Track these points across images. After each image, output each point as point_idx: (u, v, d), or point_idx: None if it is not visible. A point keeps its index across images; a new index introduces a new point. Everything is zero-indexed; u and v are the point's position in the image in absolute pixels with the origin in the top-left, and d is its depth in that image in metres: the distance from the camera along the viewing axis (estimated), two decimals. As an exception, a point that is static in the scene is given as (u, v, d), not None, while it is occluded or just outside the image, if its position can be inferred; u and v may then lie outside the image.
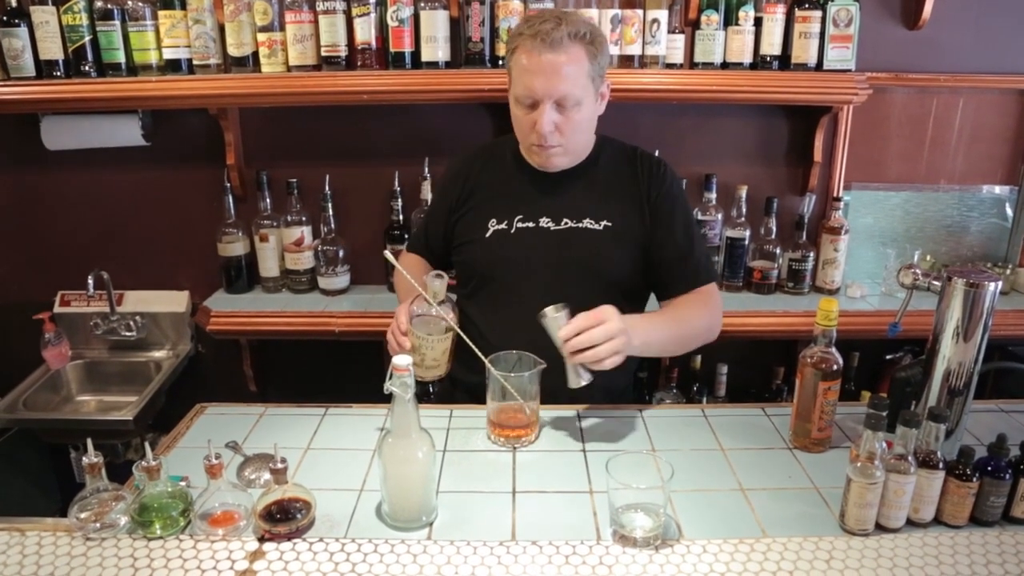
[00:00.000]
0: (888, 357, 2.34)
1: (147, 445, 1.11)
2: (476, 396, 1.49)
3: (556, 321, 1.29)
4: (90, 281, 2.15)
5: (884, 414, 1.09)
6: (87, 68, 2.03)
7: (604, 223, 1.52)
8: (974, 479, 1.10)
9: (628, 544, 1.09)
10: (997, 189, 2.35)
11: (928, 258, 2.35)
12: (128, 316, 2.33)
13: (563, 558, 1.06)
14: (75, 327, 2.35)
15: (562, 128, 1.43)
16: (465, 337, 1.42)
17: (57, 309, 2.34)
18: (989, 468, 1.11)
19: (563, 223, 1.52)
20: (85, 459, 1.09)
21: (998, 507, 1.13)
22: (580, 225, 1.52)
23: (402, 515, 1.13)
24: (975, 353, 1.24)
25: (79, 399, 2.35)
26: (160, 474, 1.10)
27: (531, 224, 1.53)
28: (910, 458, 1.08)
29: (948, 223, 2.37)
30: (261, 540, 1.10)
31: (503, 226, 1.55)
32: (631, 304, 1.56)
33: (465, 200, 1.60)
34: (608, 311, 1.29)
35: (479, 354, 1.38)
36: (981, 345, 1.24)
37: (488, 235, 1.56)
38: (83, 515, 1.11)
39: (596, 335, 1.26)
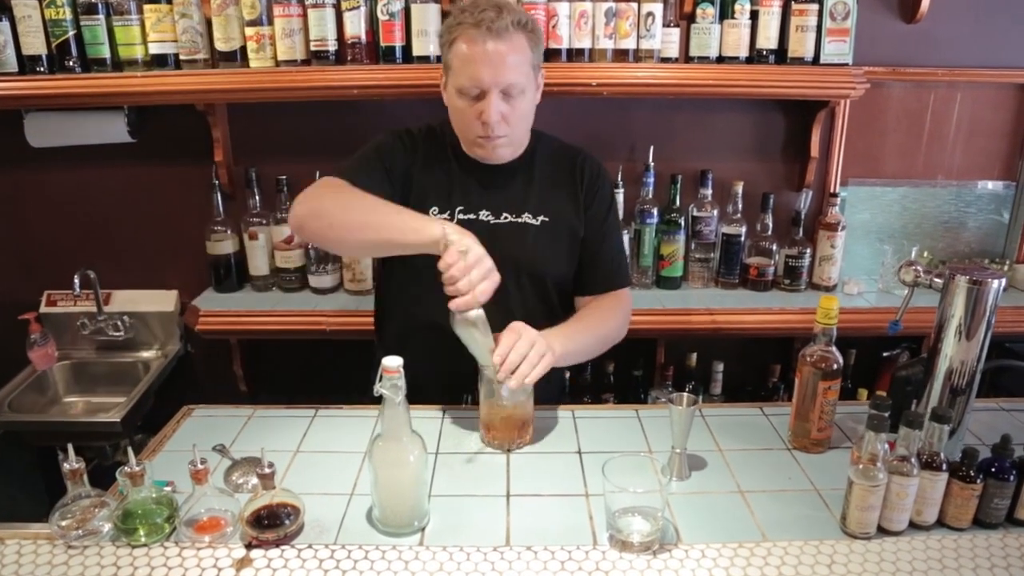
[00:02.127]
0: (885, 354, 2.33)
1: (130, 450, 1.08)
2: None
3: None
4: (76, 280, 2.13)
5: (887, 415, 1.07)
6: (71, 63, 1.99)
7: (542, 218, 1.50)
8: (978, 481, 1.08)
9: (625, 549, 1.06)
10: (992, 185, 2.33)
11: (925, 254, 2.33)
12: (116, 316, 2.29)
13: (559, 563, 1.04)
14: (62, 327, 2.31)
15: (508, 118, 1.40)
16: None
17: (43, 309, 2.30)
18: (993, 469, 1.09)
19: (503, 217, 1.50)
20: (66, 464, 1.06)
21: (1002, 509, 1.11)
22: (519, 220, 1.50)
23: (393, 520, 1.10)
24: (978, 351, 1.22)
25: (66, 401, 2.31)
26: (144, 480, 1.07)
27: (472, 216, 1.49)
28: (913, 460, 1.06)
29: (945, 219, 2.36)
30: (248, 547, 1.07)
31: (445, 216, 1.49)
32: (562, 303, 1.57)
33: (405, 176, 1.51)
34: (518, 325, 1.30)
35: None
36: (984, 343, 1.22)
37: None
38: (64, 522, 1.08)
39: (522, 347, 1.26)
